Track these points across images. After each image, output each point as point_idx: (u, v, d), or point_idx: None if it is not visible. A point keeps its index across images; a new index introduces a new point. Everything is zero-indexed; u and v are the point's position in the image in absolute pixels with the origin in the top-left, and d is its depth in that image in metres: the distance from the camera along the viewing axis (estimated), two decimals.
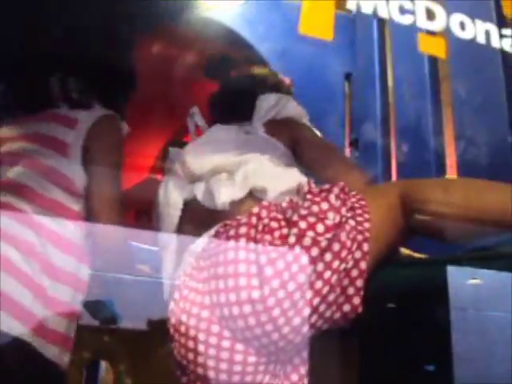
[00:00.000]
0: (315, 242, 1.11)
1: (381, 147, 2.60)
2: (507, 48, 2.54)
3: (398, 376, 1.34)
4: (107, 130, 1.36)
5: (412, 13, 2.58)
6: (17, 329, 1.10)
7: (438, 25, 2.56)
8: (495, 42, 2.54)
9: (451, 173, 2.52)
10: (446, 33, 2.63)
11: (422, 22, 2.59)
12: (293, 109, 1.65)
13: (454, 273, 1.22)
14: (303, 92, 2.61)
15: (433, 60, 2.71)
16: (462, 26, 2.53)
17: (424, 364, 1.38)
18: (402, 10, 2.58)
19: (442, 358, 1.26)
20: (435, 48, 2.60)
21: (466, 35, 2.53)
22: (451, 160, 2.61)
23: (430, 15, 2.61)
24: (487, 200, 1.21)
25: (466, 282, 1.28)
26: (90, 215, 1.28)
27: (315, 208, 1.17)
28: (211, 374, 1.08)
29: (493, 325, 1.26)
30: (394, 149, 2.57)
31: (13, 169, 1.26)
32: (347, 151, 2.57)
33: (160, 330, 1.09)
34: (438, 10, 2.64)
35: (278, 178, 1.31)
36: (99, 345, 1.17)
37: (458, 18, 2.61)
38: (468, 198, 1.23)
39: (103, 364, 1.28)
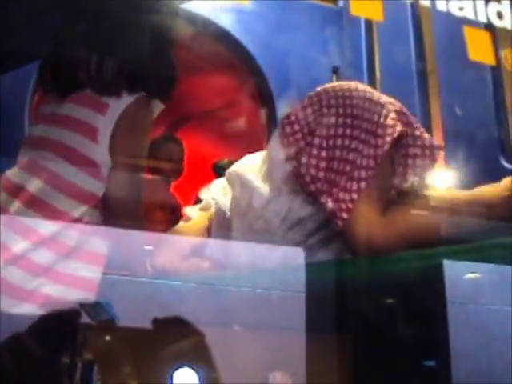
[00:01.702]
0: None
1: None
2: (454, 11, 2.43)
3: (396, 371, 1.34)
4: (137, 112, 1.36)
5: None
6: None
7: None
8: (441, 5, 2.42)
9: (438, 163, 2.53)
10: None
11: None
12: None
13: (452, 267, 1.23)
14: (291, 86, 2.61)
15: (420, 53, 2.71)
16: None
17: (423, 359, 1.39)
18: None
19: (440, 352, 1.27)
20: (370, 11, 2.45)
21: None
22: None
23: None
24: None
25: (464, 275, 1.28)
26: (108, 198, 1.31)
27: None
28: None
29: (492, 318, 1.27)
30: None
31: (44, 154, 1.30)
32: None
33: (165, 331, 1.08)
34: None
35: None
36: (100, 345, 1.14)
37: None
38: None
39: (95, 368, 1.25)
